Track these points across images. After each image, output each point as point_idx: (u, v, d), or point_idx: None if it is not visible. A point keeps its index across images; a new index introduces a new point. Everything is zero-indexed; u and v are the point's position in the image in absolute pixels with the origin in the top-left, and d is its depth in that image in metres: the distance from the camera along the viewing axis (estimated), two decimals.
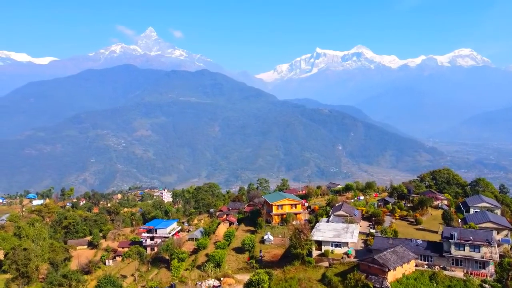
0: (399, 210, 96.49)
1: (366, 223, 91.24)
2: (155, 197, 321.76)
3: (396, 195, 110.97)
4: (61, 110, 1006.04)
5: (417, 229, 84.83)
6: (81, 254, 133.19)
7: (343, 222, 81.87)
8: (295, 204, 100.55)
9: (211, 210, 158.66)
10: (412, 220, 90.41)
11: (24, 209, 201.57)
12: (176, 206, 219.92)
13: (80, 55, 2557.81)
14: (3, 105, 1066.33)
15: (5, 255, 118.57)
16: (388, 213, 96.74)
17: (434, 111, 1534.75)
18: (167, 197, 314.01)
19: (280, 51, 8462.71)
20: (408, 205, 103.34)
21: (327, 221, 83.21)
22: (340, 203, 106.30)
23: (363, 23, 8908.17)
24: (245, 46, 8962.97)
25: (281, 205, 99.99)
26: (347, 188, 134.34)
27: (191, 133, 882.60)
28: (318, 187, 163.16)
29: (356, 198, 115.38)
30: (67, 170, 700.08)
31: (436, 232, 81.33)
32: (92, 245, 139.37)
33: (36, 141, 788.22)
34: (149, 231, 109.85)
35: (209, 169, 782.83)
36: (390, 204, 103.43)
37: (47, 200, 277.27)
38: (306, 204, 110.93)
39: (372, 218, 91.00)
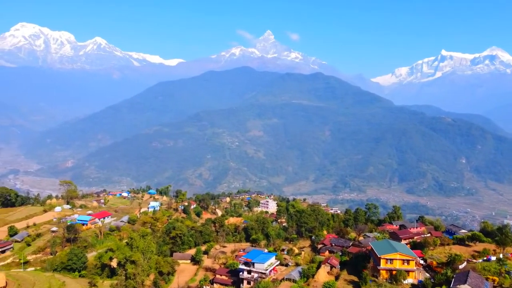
0: None
1: None
2: (261, 204, 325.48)
3: None
4: (184, 108, 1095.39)
5: None
6: (183, 269, 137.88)
7: None
8: (408, 260, 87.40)
9: (313, 237, 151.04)
10: None
11: (141, 211, 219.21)
12: (279, 221, 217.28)
13: (204, 58, 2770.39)
14: (138, 101, 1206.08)
15: (118, 263, 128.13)
16: None
17: None
18: (272, 206, 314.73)
19: (400, 54, 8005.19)
20: None
21: None
22: (465, 264, 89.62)
23: (499, 23, 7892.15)
24: (363, 49, 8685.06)
25: (391, 259, 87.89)
26: (474, 238, 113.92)
27: (301, 135, 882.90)
28: (437, 228, 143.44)
29: (486, 258, 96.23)
30: (185, 164, 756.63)
31: None
32: (194, 260, 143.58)
33: (162, 136, 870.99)
34: (246, 263, 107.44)
35: (316, 173, 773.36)
36: None
37: (164, 198, 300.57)
38: (422, 261, 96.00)
39: None
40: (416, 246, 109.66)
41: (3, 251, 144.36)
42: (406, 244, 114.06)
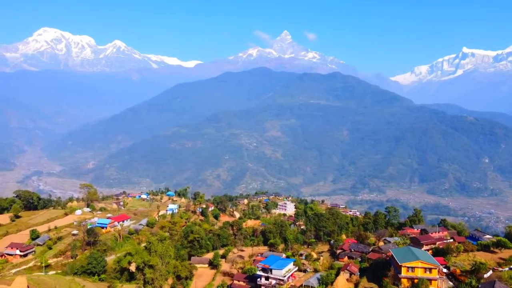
0: None
1: None
2: (279, 206, 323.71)
3: None
4: (202, 110, 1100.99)
5: None
6: (201, 273, 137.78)
7: None
8: (430, 269, 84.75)
9: (332, 241, 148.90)
10: None
11: (159, 214, 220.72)
12: (297, 224, 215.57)
13: (221, 59, 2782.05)
14: (156, 103, 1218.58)
15: (137, 268, 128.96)
16: None
17: None
18: (290, 207, 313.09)
19: (420, 52, 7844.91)
20: None
21: None
22: (490, 273, 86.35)
23: None
24: (381, 47, 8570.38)
25: (413, 267, 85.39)
26: (499, 244, 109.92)
27: (319, 136, 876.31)
28: (460, 233, 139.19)
29: None
30: (204, 165, 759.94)
31: None
32: (212, 264, 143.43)
33: (180, 137, 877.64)
34: (264, 269, 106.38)
35: (335, 174, 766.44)
36: None
37: (182, 200, 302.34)
38: (444, 269, 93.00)
39: None
40: (439, 253, 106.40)
41: (26, 255, 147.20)
42: (428, 250, 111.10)
